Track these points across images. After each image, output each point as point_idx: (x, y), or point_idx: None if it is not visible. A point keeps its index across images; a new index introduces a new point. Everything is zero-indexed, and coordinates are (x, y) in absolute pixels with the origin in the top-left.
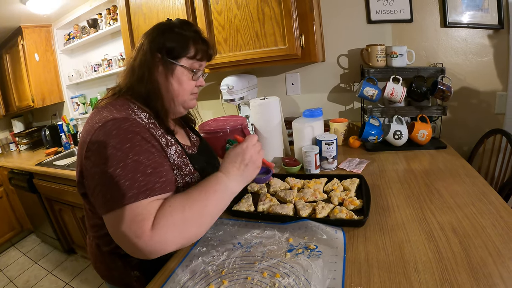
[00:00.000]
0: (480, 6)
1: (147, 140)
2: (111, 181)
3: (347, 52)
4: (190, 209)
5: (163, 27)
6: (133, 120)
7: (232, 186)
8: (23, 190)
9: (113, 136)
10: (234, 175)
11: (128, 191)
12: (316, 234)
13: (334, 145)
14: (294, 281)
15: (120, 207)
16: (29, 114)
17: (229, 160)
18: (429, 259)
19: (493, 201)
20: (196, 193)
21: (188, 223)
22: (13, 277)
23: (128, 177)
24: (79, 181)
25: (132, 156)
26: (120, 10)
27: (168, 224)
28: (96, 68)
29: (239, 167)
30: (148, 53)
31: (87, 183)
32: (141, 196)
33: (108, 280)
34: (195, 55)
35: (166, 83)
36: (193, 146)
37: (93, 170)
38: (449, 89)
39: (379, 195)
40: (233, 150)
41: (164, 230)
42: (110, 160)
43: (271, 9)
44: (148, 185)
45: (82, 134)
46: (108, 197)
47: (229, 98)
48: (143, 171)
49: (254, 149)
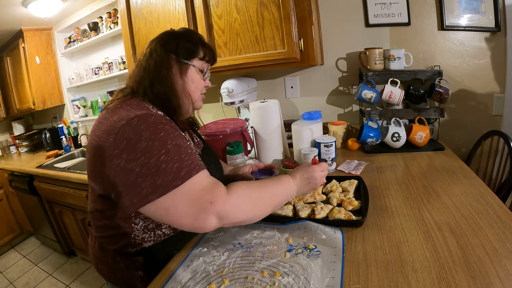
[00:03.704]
0: (477, 9)
1: (175, 128)
2: (158, 168)
3: (346, 56)
4: (265, 191)
5: (172, 33)
6: (155, 114)
7: (293, 191)
8: (24, 192)
9: (143, 130)
10: (299, 184)
11: (180, 171)
12: (315, 235)
13: (333, 147)
14: (293, 280)
15: (178, 186)
16: (29, 116)
17: (300, 171)
18: (426, 258)
19: (490, 201)
20: (271, 183)
21: (260, 202)
22: (13, 279)
23: (175, 159)
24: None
25: (170, 142)
26: (121, 14)
27: (244, 195)
28: (97, 71)
29: (304, 181)
30: (162, 54)
31: (117, 181)
32: (194, 172)
33: (111, 281)
34: (204, 56)
35: (182, 82)
36: (197, 147)
37: (128, 166)
38: (447, 91)
39: (377, 196)
40: (307, 167)
41: (241, 197)
42: (150, 151)
43: (270, 14)
44: (195, 161)
45: (98, 135)
46: (159, 182)
47: (229, 101)
48: (185, 152)
49: (320, 174)
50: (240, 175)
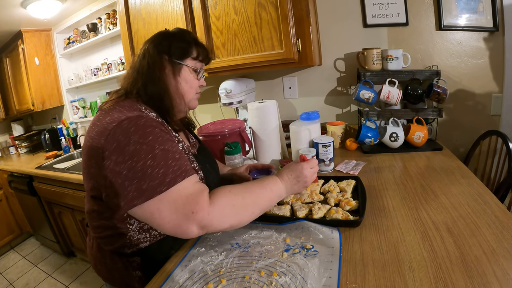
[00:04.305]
0: (474, 9)
1: (165, 132)
2: (144, 173)
3: (344, 56)
4: (249, 197)
5: (165, 34)
6: (146, 116)
7: (282, 191)
8: (23, 193)
9: (132, 133)
10: (286, 183)
11: (166, 177)
12: (313, 234)
13: (331, 148)
14: (290, 280)
15: (162, 192)
16: (29, 117)
17: (288, 170)
18: (423, 258)
19: (488, 201)
20: (255, 186)
21: (245, 209)
22: (13, 280)
23: (161, 165)
24: (93, 184)
25: (158, 146)
26: (120, 15)
27: (228, 204)
28: (96, 72)
29: (292, 180)
30: (155, 55)
31: (107, 182)
32: (179, 179)
33: (109, 282)
34: (197, 56)
35: (175, 83)
36: (192, 147)
37: (117, 169)
38: (445, 91)
39: (375, 196)
40: (295, 165)
41: (223, 207)
42: (137, 155)
43: (268, 14)
44: (181, 167)
45: (92, 136)
46: (144, 187)
47: (227, 101)
48: (173, 157)
49: (310, 172)
50: (237, 175)
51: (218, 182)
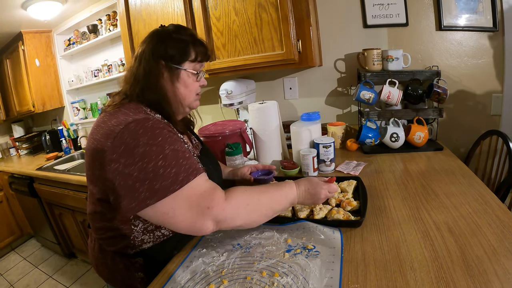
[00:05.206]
0: (474, 9)
1: (173, 132)
2: (156, 173)
3: (344, 57)
4: (264, 198)
5: (161, 34)
6: (153, 118)
7: (295, 200)
8: (24, 194)
9: (141, 135)
10: (301, 194)
11: (178, 176)
12: (314, 235)
13: (332, 148)
14: (292, 280)
15: (176, 191)
16: (29, 119)
17: (308, 183)
18: (425, 258)
19: (489, 201)
20: (272, 189)
21: (258, 209)
22: (13, 281)
23: (173, 165)
24: (99, 188)
25: (168, 147)
26: (120, 16)
27: (242, 202)
28: (96, 74)
29: (307, 194)
30: (151, 61)
31: (115, 185)
32: (191, 177)
33: (110, 283)
34: (196, 57)
35: (173, 88)
36: (195, 148)
37: (126, 171)
38: (445, 91)
39: (376, 196)
40: (316, 181)
41: (238, 204)
42: (147, 156)
43: (268, 15)
44: (192, 166)
45: (96, 138)
46: (157, 187)
47: (228, 102)
48: (183, 156)
49: (325, 193)
50: (238, 175)
51: (221, 183)
